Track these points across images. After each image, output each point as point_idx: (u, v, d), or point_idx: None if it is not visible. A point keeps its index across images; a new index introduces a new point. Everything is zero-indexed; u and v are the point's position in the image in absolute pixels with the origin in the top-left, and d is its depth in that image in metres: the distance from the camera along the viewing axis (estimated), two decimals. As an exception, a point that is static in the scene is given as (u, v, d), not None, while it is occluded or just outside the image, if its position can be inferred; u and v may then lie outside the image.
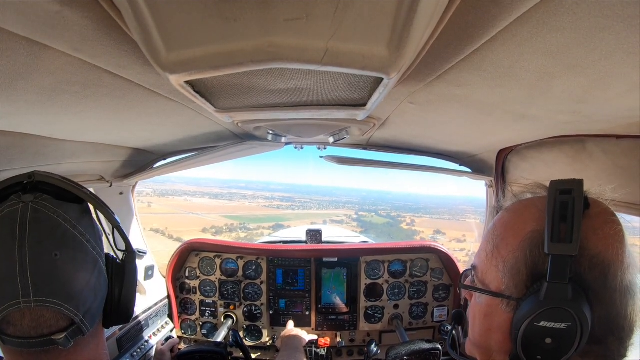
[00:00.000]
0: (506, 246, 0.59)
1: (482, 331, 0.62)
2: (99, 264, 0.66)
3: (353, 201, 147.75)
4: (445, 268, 2.15)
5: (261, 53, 0.50)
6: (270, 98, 0.82)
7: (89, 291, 0.63)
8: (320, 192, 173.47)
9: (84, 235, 0.64)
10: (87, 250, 0.64)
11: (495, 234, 0.62)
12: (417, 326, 2.14)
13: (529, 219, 0.58)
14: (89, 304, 0.63)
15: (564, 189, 0.55)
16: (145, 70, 0.71)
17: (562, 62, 0.59)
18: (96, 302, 0.65)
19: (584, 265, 0.51)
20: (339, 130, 1.32)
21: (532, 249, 0.55)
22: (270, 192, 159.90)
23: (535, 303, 0.51)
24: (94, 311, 0.65)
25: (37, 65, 0.61)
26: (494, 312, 0.59)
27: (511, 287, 0.57)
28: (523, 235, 0.57)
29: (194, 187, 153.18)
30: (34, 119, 0.90)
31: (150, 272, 2.03)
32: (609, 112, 0.81)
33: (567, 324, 0.49)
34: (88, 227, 0.66)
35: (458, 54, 0.62)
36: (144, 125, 1.22)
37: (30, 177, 0.63)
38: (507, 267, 0.57)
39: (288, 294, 2.13)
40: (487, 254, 0.62)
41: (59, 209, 0.62)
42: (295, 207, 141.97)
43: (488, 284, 0.61)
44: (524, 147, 1.38)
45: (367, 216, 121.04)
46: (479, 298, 0.64)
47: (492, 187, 1.75)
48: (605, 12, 0.44)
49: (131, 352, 1.70)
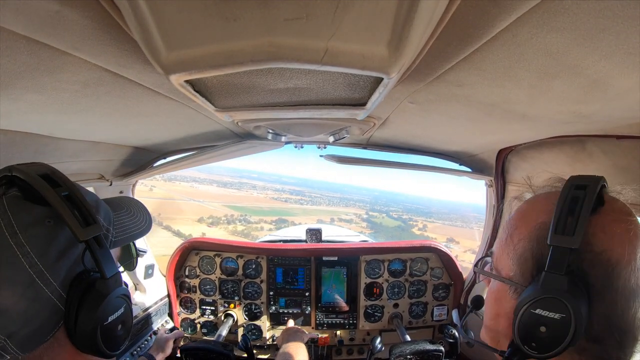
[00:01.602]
0: (518, 235, 0.60)
1: (492, 315, 0.65)
2: (35, 285, 0.53)
3: (364, 200, 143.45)
4: (444, 267, 2.15)
5: (261, 53, 0.50)
6: (270, 97, 0.82)
7: (13, 314, 0.52)
8: (332, 189, 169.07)
9: (22, 247, 0.52)
10: (17, 266, 0.52)
11: (510, 223, 0.64)
12: (417, 325, 2.14)
13: (541, 211, 0.59)
14: (14, 328, 0.52)
15: (580, 184, 0.55)
16: (145, 69, 0.71)
17: (562, 62, 0.59)
18: (28, 327, 0.53)
19: (587, 260, 0.51)
20: (339, 129, 1.32)
21: (538, 239, 0.56)
22: (282, 185, 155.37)
23: (533, 290, 0.53)
24: (24, 337, 0.53)
25: (37, 64, 0.61)
26: (502, 297, 0.61)
27: (518, 274, 0.59)
28: (533, 225, 0.58)
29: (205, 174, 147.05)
30: (34, 117, 0.90)
31: (150, 270, 2.04)
32: (609, 112, 0.81)
33: (561, 314, 0.50)
34: (35, 238, 0.54)
35: (458, 54, 0.62)
36: (144, 124, 1.22)
37: (10, 171, 0.58)
38: (517, 255, 0.59)
39: (288, 292, 2.13)
40: (502, 241, 0.65)
41: (11, 209, 0.54)
42: (304, 201, 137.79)
43: (500, 270, 0.63)
44: (524, 147, 1.39)
45: (378, 217, 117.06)
46: (493, 283, 0.66)
47: (492, 186, 1.75)
48: (605, 13, 0.44)
49: (131, 351, 1.71)
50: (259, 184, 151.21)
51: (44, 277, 0.54)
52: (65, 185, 0.60)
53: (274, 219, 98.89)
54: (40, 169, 0.60)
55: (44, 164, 0.62)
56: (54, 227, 0.57)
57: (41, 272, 0.54)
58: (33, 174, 0.57)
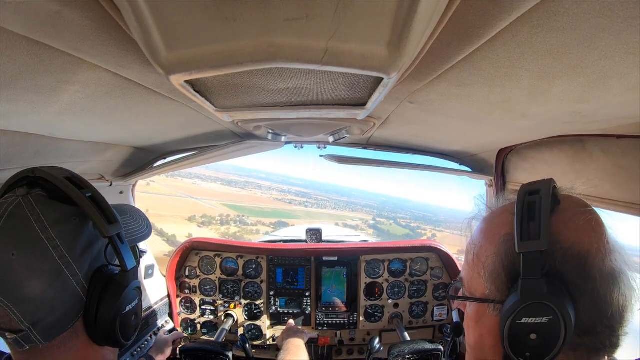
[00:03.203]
0: (484, 252, 0.61)
1: (475, 338, 0.64)
2: (63, 275, 0.59)
3: (371, 205, 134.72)
4: (444, 267, 2.16)
5: (261, 53, 0.50)
6: (270, 97, 0.82)
7: (41, 302, 0.57)
8: (339, 192, 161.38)
9: (52, 241, 0.58)
10: (47, 257, 0.57)
11: (474, 244, 0.65)
12: (417, 325, 2.14)
13: (501, 224, 0.60)
14: (41, 315, 0.57)
15: (532, 190, 0.57)
16: (145, 70, 0.71)
17: (562, 62, 0.59)
18: (53, 316, 0.59)
19: (558, 258, 0.52)
20: (339, 129, 1.32)
21: (506, 251, 0.57)
22: (288, 186, 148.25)
23: (515, 301, 0.52)
24: (48, 325, 0.58)
25: (37, 64, 0.61)
26: (483, 317, 0.61)
27: (494, 290, 0.58)
28: (497, 239, 0.59)
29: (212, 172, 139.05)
30: (34, 118, 0.90)
31: (150, 271, 2.03)
32: (609, 112, 0.81)
33: (547, 317, 0.50)
34: (63, 234, 0.59)
35: (458, 54, 0.62)
36: (143, 125, 1.22)
37: (33, 172, 0.63)
38: (487, 272, 0.59)
39: (288, 292, 2.13)
40: (469, 263, 0.65)
41: (39, 207, 0.59)
42: (309, 204, 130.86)
43: (474, 292, 0.63)
44: (524, 147, 1.39)
45: (385, 224, 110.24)
46: (469, 307, 0.66)
47: (492, 186, 1.75)
48: (605, 12, 0.44)
49: (131, 352, 1.70)
50: (264, 184, 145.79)
51: (71, 268, 0.60)
52: (87, 187, 0.66)
53: (273, 221, 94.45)
54: (63, 172, 0.66)
55: (63, 168, 0.68)
56: (79, 224, 0.63)
57: (69, 264, 0.59)
58: (59, 176, 0.63)
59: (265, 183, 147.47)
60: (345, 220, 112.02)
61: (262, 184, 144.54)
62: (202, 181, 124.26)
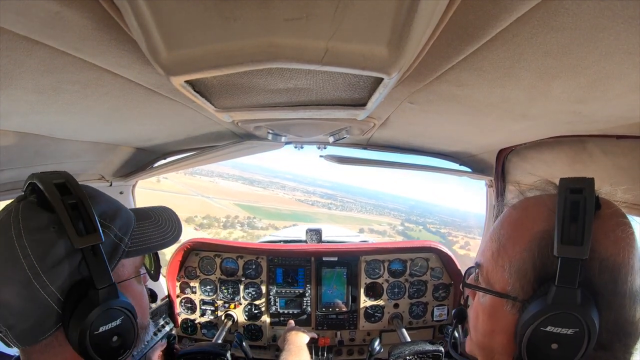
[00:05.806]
0: (513, 246, 0.57)
1: (485, 332, 0.61)
2: (31, 286, 0.56)
3: (400, 209, 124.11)
4: (444, 267, 2.15)
5: (261, 53, 0.50)
6: (270, 97, 0.82)
7: (12, 309, 0.56)
8: (366, 195, 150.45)
9: (24, 249, 0.56)
10: (17, 266, 0.56)
11: (501, 233, 0.60)
12: (417, 325, 2.14)
13: (537, 218, 0.56)
14: (12, 321, 0.56)
15: (575, 187, 0.52)
16: (145, 70, 0.71)
17: (562, 62, 0.59)
18: (25, 324, 0.57)
19: (594, 269, 0.49)
20: (339, 129, 1.32)
21: (540, 250, 0.53)
22: (314, 187, 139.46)
23: (543, 307, 0.49)
24: (20, 331, 0.57)
25: (37, 64, 0.61)
26: (498, 312, 0.57)
27: (517, 288, 0.55)
28: (531, 235, 0.55)
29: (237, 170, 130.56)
30: (34, 118, 0.90)
31: (150, 271, 2.03)
32: (609, 112, 0.81)
33: (574, 329, 0.48)
34: (36, 242, 0.57)
35: (458, 54, 0.62)
36: (144, 125, 1.22)
37: (31, 178, 0.63)
38: (514, 268, 0.55)
39: (288, 293, 2.13)
40: (493, 252, 0.60)
41: (23, 214, 0.59)
42: (333, 206, 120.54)
43: (493, 284, 0.59)
44: (524, 147, 1.39)
45: (415, 229, 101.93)
46: (483, 297, 0.62)
47: (492, 186, 1.75)
48: (605, 12, 0.44)
49: None
50: (289, 184, 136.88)
51: (40, 279, 0.57)
52: (75, 194, 0.62)
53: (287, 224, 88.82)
54: (58, 177, 0.63)
55: (65, 172, 0.65)
56: (57, 233, 0.59)
57: (38, 275, 0.56)
58: (49, 181, 0.61)
59: (290, 184, 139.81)
60: (370, 225, 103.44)
61: (287, 184, 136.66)
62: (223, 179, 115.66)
